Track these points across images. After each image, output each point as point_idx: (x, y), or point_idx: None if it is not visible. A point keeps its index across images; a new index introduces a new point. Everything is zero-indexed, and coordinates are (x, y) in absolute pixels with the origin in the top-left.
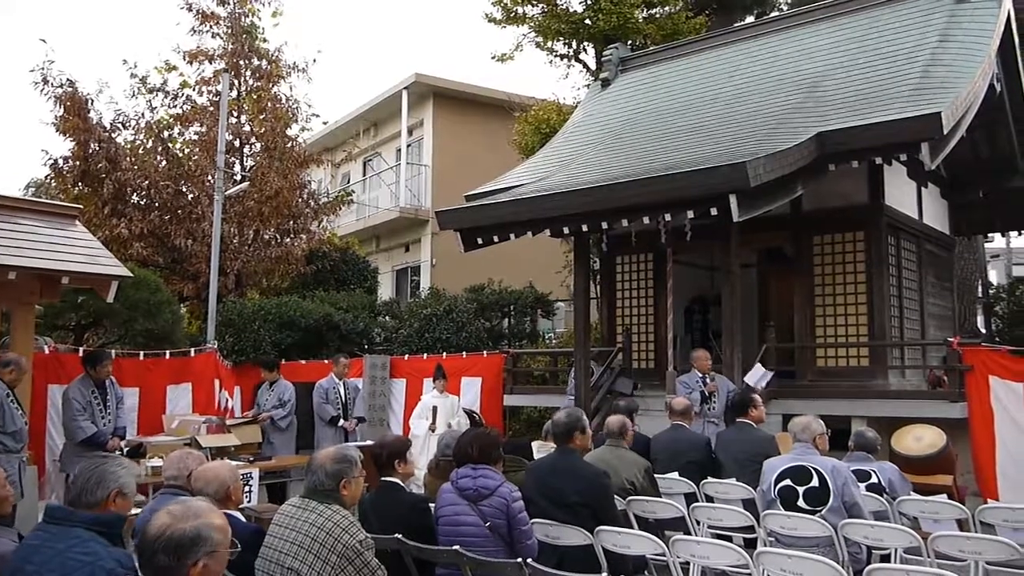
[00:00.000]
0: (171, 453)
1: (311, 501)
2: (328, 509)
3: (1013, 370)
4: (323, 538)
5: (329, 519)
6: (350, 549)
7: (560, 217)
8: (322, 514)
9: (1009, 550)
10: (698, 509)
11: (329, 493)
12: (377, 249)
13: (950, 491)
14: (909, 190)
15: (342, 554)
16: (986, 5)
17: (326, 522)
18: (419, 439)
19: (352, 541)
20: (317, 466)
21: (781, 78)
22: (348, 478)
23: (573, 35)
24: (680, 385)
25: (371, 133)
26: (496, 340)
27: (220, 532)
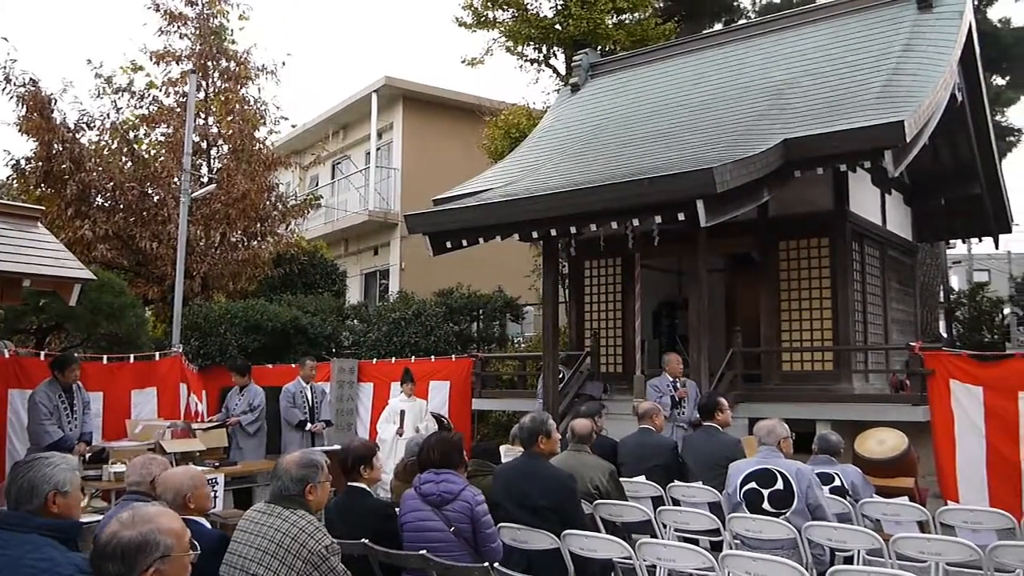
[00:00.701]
0: (134, 458)
1: (276, 507)
2: (294, 515)
3: (973, 374)
4: (288, 544)
5: (294, 525)
6: (316, 555)
7: (529, 221)
8: (287, 520)
9: (968, 551)
10: (665, 512)
11: (294, 498)
12: (346, 252)
13: (911, 493)
14: (873, 197)
15: (308, 560)
16: (948, 16)
17: (291, 528)
18: (386, 443)
19: (318, 547)
20: (282, 471)
21: (748, 85)
22: (314, 483)
23: (543, 40)
24: (651, 389)
25: (340, 136)
26: (465, 344)
27: (173, 537)
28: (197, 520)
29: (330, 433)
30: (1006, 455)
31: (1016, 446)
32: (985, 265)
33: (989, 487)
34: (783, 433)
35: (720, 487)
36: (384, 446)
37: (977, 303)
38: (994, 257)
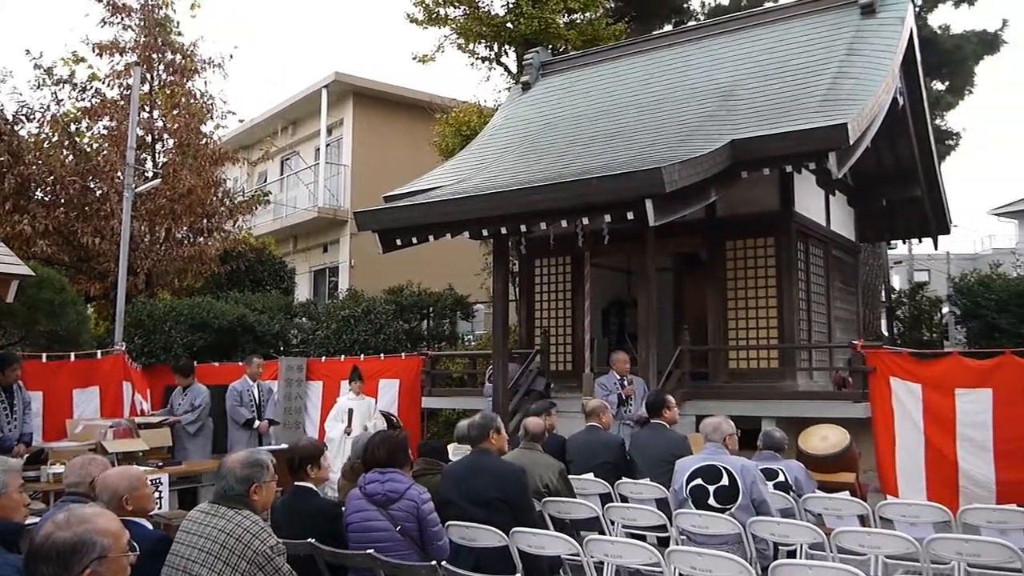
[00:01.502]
0: (73, 459)
1: (220, 507)
2: (238, 515)
3: (912, 372)
4: (232, 544)
5: (239, 525)
6: (261, 555)
7: (479, 219)
8: (231, 520)
9: (906, 544)
10: (612, 509)
11: (239, 498)
12: (294, 250)
13: (853, 488)
14: (818, 198)
15: (252, 560)
16: (890, 22)
17: (236, 528)
18: (334, 442)
19: (263, 547)
20: (227, 471)
21: (696, 86)
22: (259, 483)
23: (495, 38)
24: (598, 387)
25: (289, 132)
26: (415, 342)
27: (110, 538)
28: (137, 521)
29: (278, 432)
30: (943, 450)
31: (952, 441)
32: (925, 265)
33: (927, 481)
34: (728, 430)
35: (667, 484)
36: (332, 445)
37: (917, 302)
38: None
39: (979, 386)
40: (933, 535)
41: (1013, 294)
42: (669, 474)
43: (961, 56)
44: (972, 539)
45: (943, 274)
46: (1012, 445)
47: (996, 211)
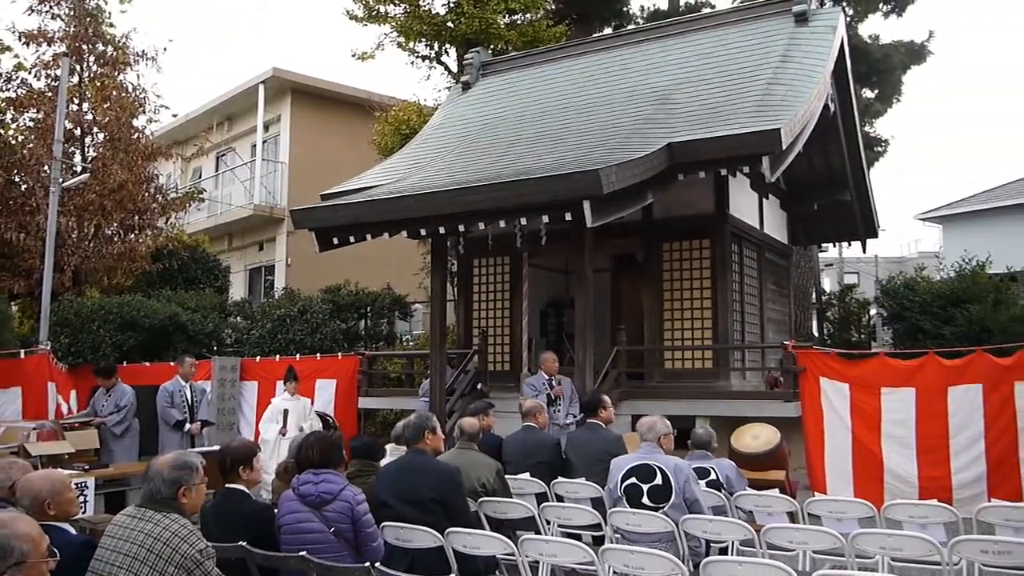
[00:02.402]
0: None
1: (147, 510)
2: (166, 518)
3: (840, 371)
4: (159, 549)
5: (166, 528)
6: (189, 559)
7: (417, 219)
8: (159, 523)
9: (832, 539)
10: (548, 509)
11: (167, 501)
12: (229, 247)
13: (783, 486)
14: (751, 201)
15: (180, 564)
16: (823, 31)
17: (163, 532)
18: (269, 444)
19: (191, 551)
20: (154, 473)
21: (634, 89)
22: (188, 485)
23: (435, 37)
24: (527, 387)
25: (225, 127)
26: (352, 342)
27: (29, 543)
28: (60, 526)
29: (211, 433)
30: (869, 447)
31: (878, 439)
32: (854, 268)
33: (854, 478)
34: (663, 430)
35: (603, 483)
36: (267, 446)
37: (846, 304)
38: (862, 260)
39: (903, 385)
40: (858, 530)
41: (936, 297)
42: (604, 473)
43: (890, 65)
44: (894, 533)
45: (871, 277)
46: (933, 442)
47: (922, 216)
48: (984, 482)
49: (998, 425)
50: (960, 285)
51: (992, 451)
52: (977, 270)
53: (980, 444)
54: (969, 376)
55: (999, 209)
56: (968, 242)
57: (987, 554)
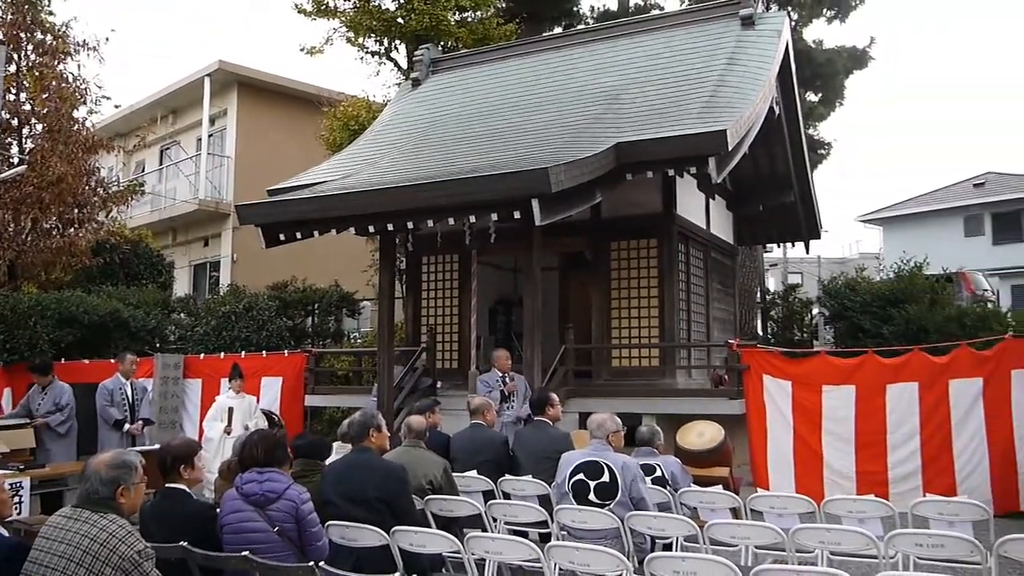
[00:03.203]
0: None
1: (84, 511)
2: (103, 519)
3: (783, 369)
4: (96, 550)
5: (104, 529)
6: (127, 560)
7: (365, 216)
8: (96, 524)
9: (773, 534)
10: (495, 506)
11: (104, 501)
12: (174, 243)
13: (726, 482)
14: (698, 201)
15: (118, 566)
16: (768, 35)
17: (100, 533)
18: (213, 442)
19: (129, 552)
20: (91, 472)
21: (583, 89)
22: (126, 485)
23: (385, 33)
24: (480, 384)
25: (169, 121)
26: (299, 339)
27: None
28: None
29: (153, 432)
30: (810, 444)
31: (818, 436)
32: (798, 268)
33: (795, 474)
34: (612, 427)
35: (550, 480)
36: (211, 445)
37: (789, 304)
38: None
39: (844, 383)
40: (798, 525)
41: (876, 297)
42: (551, 471)
43: (833, 70)
44: (833, 528)
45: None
46: (871, 438)
47: (863, 218)
48: (919, 477)
49: (933, 422)
50: (898, 286)
51: (927, 447)
52: (915, 271)
53: (916, 440)
54: (906, 374)
55: (936, 212)
56: (907, 244)
57: (921, 547)
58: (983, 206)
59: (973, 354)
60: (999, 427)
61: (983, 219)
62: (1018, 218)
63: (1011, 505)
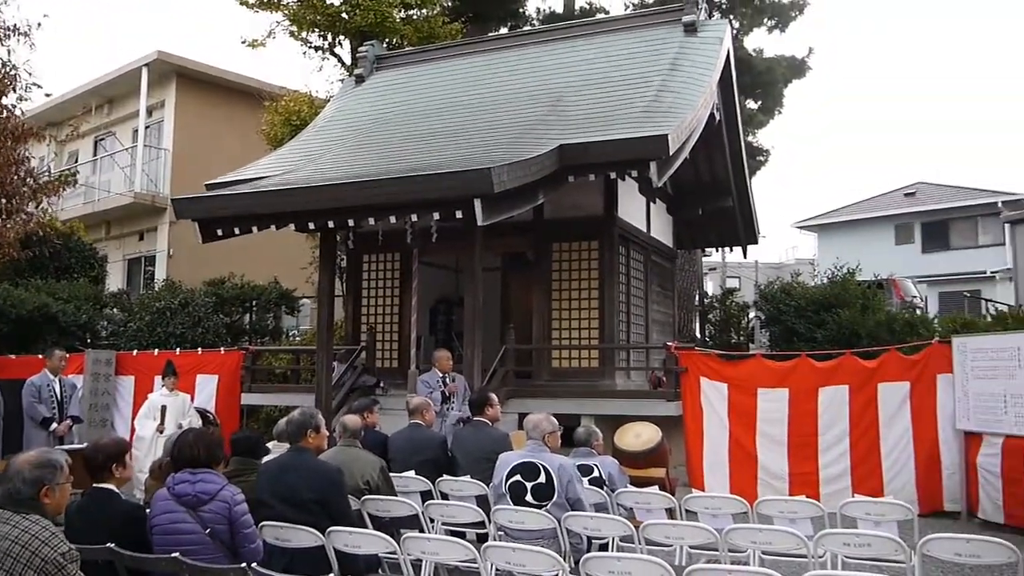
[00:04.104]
0: None
1: (5, 511)
2: (25, 520)
3: (720, 372)
4: (18, 552)
5: (26, 531)
6: (50, 563)
7: (306, 212)
8: (17, 525)
9: (707, 534)
10: (432, 507)
11: (27, 502)
12: (107, 236)
13: (663, 483)
14: (639, 205)
15: (40, 569)
16: (710, 42)
17: (22, 534)
18: (145, 441)
19: (53, 554)
20: (14, 472)
21: (527, 90)
22: (50, 485)
23: (329, 28)
24: (421, 384)
25: (105, 111)
26: (236, 336)
27: None
28: None
29: (82, 430)
30: (745, 445)
31: (753, 437)
32: (736, 272)
33: (730, 475)
34: (549, 428)
35: (488, 481)
36: (143, 444)
37: (727, 307)
38: (743, 265)
39: (778, 386)
40: (731, 525)
41: (810, 301)
42: (489, 471)
43: (772, 78)
44: (765, 528)
45: (752, 281)
46: (803, 440)
47: (799, 224)
48: (849, 477)
49: (862, 424)
50: (832, 291)
51: (856, 448)
52: (847, 277)
53: (846, 442)
54: (838, 377)
55: (868, 220)
56: (841, 250)
57: (849, 546)
58: (913, 215)
59: (901, 359)
60: (924, 429)
61: (913, 228)
62: (946, 227)
63: (935, 505)
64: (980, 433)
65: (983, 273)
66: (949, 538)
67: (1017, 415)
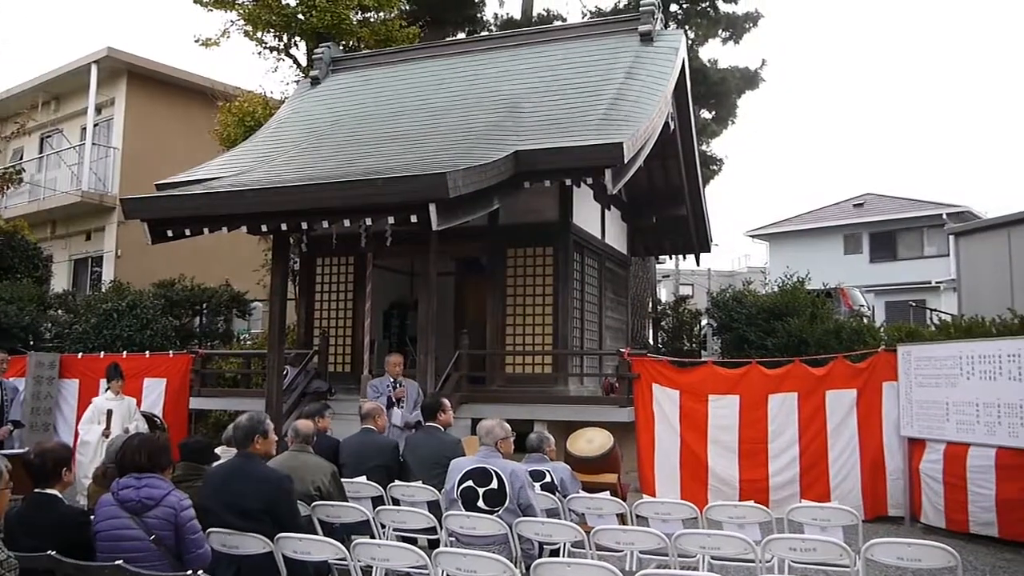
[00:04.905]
0: None
1: None
2: None
3: (672, 379)
4: None
5: None
6: None
7: (258, 214)
8: None
9: (657, 539)
10: (383, 512)
11: None
12: (53, 235)
13: (614, 488)
14: (594, 212)
15: None
16: (666, 51)
17: None
18: (91, 446)
19: None
20: None
21: (484, 95)
22: None
23: (284, 28)
24: (370, 389)
25: (52, 107)
26: (185, 339)
27: None
28: None
29: (24, 435)
30: (696, 451)
31: (704, 443)
32: (689, 280)
33: (681, 480)
34: (501, 434)
35: (440, 486)
36: (87, 449)
37: (680, 314)
38: (696, 273)
39: (729, 393)
40: (681, 531)
41: (760, 309)
42: (442, 476)
43: (726, 89)
44: (713, 533)
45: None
46: (753, 447)
47: (751, 233)
48: (798, 484)
49: (811, 431)
50: (782, 299)
51: (805, 455)
52: (797, 286)
53: (795, 448)
54: (787, 385)
55: (818, 230)
56: (791, 259)
57: (796, 551)
58: (862, 225)
59: (848, 366)
60: (870, 436)
61: (861, 238)
62: (894, 238)
63: (880, 510)
64: (923, 440)
65: (928, 283)
66: (892, 543)
67: (959, 422)
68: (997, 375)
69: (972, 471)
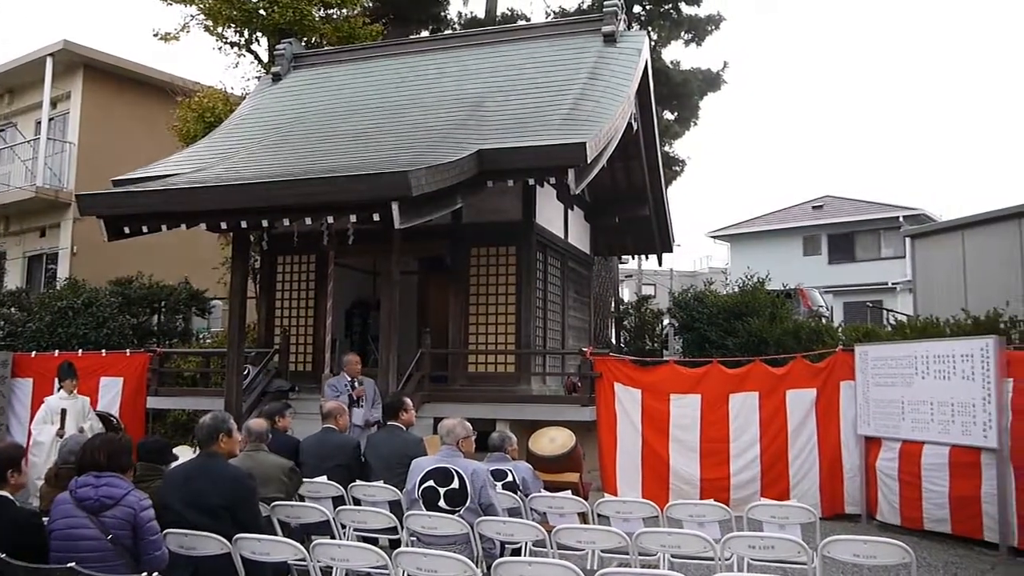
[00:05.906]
0: None
1: None
2: None
3: (634, 378)
4: None
5: None
6: None
7: (218, 211)
8: None
9: (618, 538)
10: (344, 512)
11: None
12: (6, 232)
13: (576, 487)
14: (557, 211)
15: None
16: (629, 52)
17: None
18: (44, 446)
19: None
20: None
21: (448, 94)
22: None
23: (246, 24)
24: (328, 388)
25: (5, 101)
26: (143, 338)
27: None
28: None
29: None
30: (657, 450)
31: (665, 442)
32: (651, 280)
33: (642, 480)
34: (463, 433)
35: (401, 485)
36: (41, 449)
37: (642, 314)
38: (659, 273)
39: (690, 392)
40: (641, 529)
41: (721, 309)
42: (403, 476)
43: (688, 90)
44: (674, 532)
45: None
46: (715, 446)
47: (712, 234)
48: (758, 482)
49: (771, 430)
50: (742, 300)
51: (766, 454)
52: (757, 286)
53: (756, 448)
54: (748, 384)
55: (778, 231)
56: (751, 260)
57: (754, 549)
58: (821, 227)
59: (808, 366)
60: (829, 435)
61: (820, 239)
62: (852, 240)
63: (837, 508)
64: (879, 438)
65: (885, 284)
66: (848, 540)
67: (914, 420)
68: (951, 375)
69: (926, 469)
